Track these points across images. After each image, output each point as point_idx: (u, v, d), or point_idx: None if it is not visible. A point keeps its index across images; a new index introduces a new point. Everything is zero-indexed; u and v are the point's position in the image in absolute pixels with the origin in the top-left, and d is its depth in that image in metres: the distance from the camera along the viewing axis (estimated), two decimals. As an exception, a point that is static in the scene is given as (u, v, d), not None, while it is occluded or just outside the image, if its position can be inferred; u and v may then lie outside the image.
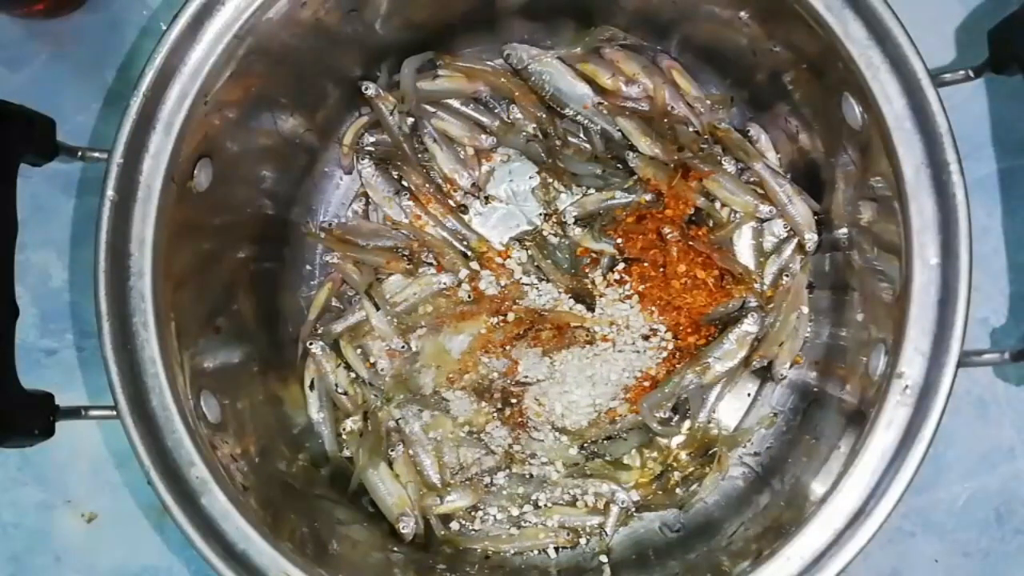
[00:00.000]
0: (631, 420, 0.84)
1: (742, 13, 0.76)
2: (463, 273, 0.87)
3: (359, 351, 0.87)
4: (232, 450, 0.72)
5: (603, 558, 0.83)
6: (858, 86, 0.66)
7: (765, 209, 0.84)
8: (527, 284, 0.87)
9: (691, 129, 0.86)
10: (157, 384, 0.66)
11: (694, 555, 0.79)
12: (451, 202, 0.89)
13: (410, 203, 0.88)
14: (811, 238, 0.83)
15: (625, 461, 0.86)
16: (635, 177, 0.86)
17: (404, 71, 0.85)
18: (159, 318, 0.67)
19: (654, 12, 0.82)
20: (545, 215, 0.90)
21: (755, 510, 0.79)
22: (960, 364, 0.63)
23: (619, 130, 0.86)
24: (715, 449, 0.84)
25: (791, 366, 0.84)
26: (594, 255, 0.88)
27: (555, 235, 0.88)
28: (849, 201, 0.77)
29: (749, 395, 0.87)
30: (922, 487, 0.82)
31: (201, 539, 0.65)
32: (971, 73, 0.66)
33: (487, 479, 0.85)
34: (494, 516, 0.85)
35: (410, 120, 0.88)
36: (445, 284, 0.87)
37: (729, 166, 0.86)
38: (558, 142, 0.87)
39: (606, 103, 0.86)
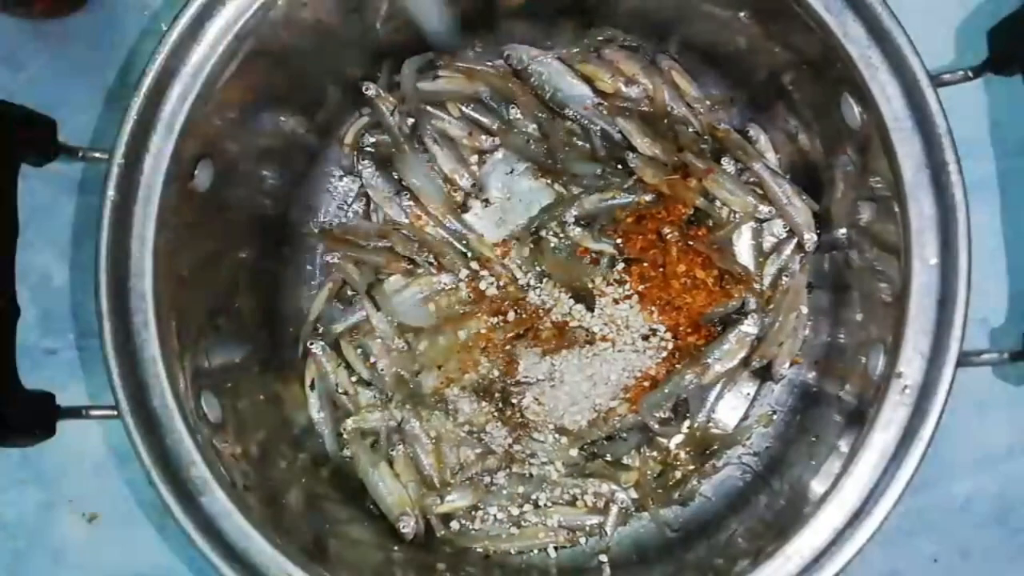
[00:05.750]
0: (631, 420, 0.84)
1: (742, 13, 0.76)
2: (463, 273, 0.87)
3: (359, 351, 0.87)
4: (233, 450, 0.72)
5: (603, 558, 0.83)
6: (858, 86, 0.66)
7: (765, 209, 0.84)
8: (527, 284, 0.87)
9: (691, 129, 0.86)
10: (158, 384, 0.67)
11: (694, 555, 0.79)
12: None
13: (410, 203, 0.88)
14: (810, 238, 0.83)
15: (625, 461, 0.86)
16: (635, 177, 0.86)
17: (404, 71, 0.85)
18: (159, 318, 0.67)
19: (654, 12, 0.82)
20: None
21: (755, 510, 0.79)
22: (959, 364, 0.63)
23: (619, 130, 0.86)
24: (714, 448, 0.84)
25: (790, 366, 0.85)
26: (594, 255, 0.88)
27: (555, 235, 0.89)
28: (849, 201, 0.77)
29: (748, 395, 0.87)
30: (922, 487, 0.82)
31: (202, 539, 0.65)
32: (971, 73, 0.66)
33: (487, 479, 0.85)
34: (494, 516, 0.85)
35: (410, 120, 0.88)
36: (445, 284, 0.87)
37: (729, 166, 0.86)
38: (558, 142, 0.88)
39: (606, 103, 0.86)
